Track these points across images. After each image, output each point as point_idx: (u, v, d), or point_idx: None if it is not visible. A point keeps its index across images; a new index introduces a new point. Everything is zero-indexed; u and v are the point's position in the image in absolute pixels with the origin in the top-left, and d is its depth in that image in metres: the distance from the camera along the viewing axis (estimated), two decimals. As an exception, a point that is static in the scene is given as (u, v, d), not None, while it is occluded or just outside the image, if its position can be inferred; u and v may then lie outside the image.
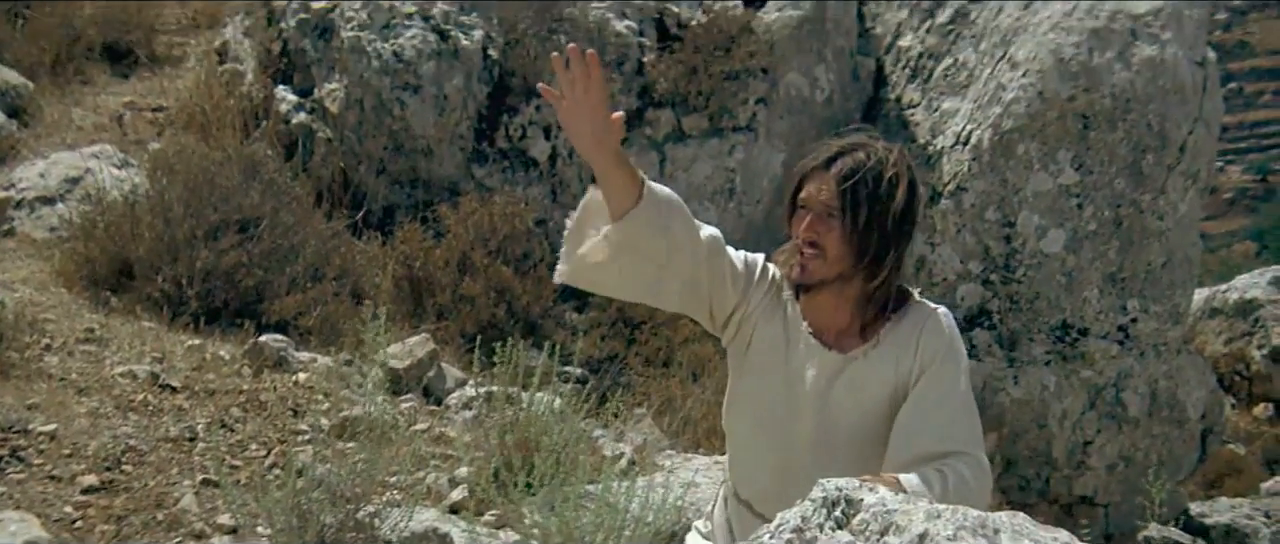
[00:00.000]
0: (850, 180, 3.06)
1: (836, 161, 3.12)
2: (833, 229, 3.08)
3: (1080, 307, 9.05)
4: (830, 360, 3.14)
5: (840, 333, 3.17)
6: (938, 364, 3.07)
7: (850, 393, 3.12)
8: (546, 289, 8.61)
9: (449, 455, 6.28)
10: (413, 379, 7.11)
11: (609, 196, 3.06)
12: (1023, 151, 9.11)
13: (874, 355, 3.12)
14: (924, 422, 3.01)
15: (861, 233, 3.05)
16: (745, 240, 10.06)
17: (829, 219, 3.08)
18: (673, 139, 9.63)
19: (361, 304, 7.94)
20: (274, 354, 6.97)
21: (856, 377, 3.12)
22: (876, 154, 3.12)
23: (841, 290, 3.13)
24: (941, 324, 3.14)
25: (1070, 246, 9.03)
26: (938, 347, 3.09)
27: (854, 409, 3.11)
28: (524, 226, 8.76)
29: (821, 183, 3.11)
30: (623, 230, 3.05)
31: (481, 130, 9.45)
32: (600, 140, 3.03)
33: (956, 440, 2.99)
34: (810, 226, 3.10)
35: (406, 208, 9.27)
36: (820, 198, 3.10)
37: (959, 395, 3.08)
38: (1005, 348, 9.15)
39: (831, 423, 3.12)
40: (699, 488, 5.84)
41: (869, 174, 3.07)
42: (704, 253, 3.19)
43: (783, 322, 3.22)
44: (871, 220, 3.05)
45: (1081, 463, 9.10)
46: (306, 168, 9.23)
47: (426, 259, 8.44)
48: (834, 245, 3.08)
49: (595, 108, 3.03)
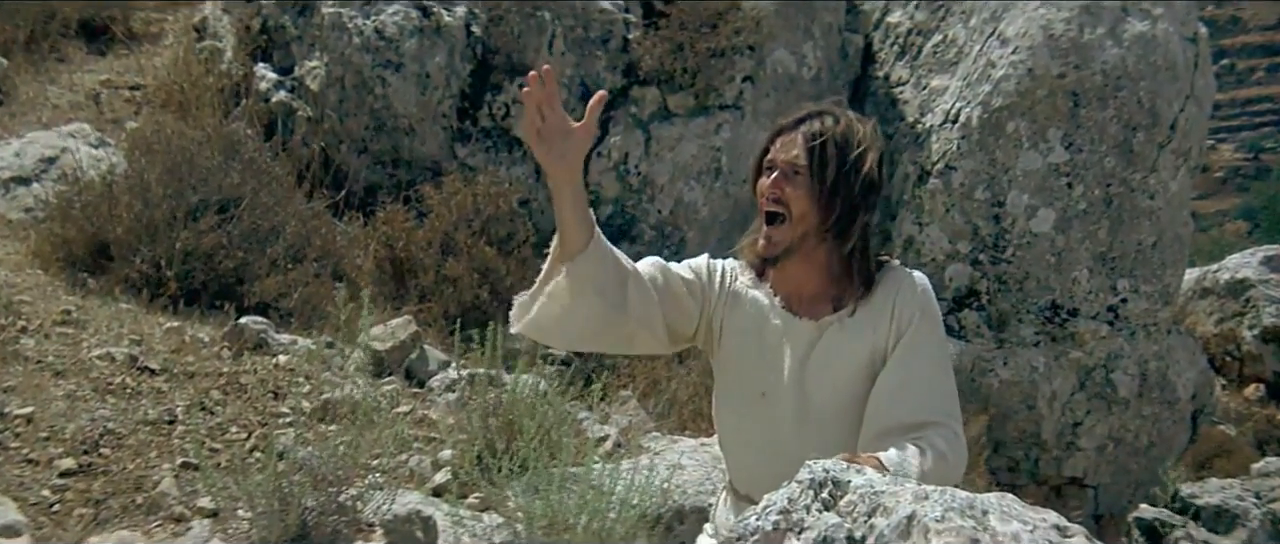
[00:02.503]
0: (818, 139, 3.07)
1: (806, 122, 3.14)
2: (798, 188, 3.08)
3: (1070, 287, 9.08)
4: (804, 330, 3.15)
5: (813, 300, 3.17)
6: (913, 330, 3.08)
7: (827, 363, 3.12)
8: (530, 270, 8.59)
9: (432, 438, 6.28)
10: (395, 361, 7.11)
11: (565, 232, 3.05)
12: (1012, 130, 9.13)
13: (849, 323, 3.13)
14: (901, 391, 3.02)
15: (828, 192, 3.06)
16: (732, 220, 10.03)
17: (794, 177, 3.09)
18: (658, 118, 9.62)
19: (343, 286, 7.93)
20: (254, 336, 6.96)
21: (832, 345, 3.12)
22: (847, 120, 3.14)
23: (810, 256, 3.13)
24: (917, 288, 3.15)
25: (1060, 226, 9.06)
26: (913, 311, 3.10)
27: (833, 380, 3.12)
28: (508, 207, 8.75)
29: (789, 141, 3.13)
30: (581, 265, 3.05)
31: (464, 109, 9.44)
32: (563, 156, 3.02)
33: (933, 410, 3.00)
34: (775, 183, 3.11)
35: (388, 188, 9.25)
36: (786, 156, 3.11)
37: (935, 362, 3.09)
38: (994, 329, 9.17)
39: (812, 397, 3.13)
40: (685, 470, 5.84)
41: (838, 136, 3.08)
42: (655, 276, 3.19)
43: (749, 305, 3.23)
44: (838, 181, 3.06)
45: (1071, 444, 9.14)
46: (287, 147, 9.20)
47: (409, 240, 8.43)
48: (798, 203, 3.08)
49: (554, 125, 3.03)
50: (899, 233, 9.44)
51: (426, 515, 5.18)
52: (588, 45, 9.52)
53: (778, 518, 2.24)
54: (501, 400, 5.91)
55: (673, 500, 5.53)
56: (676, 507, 5.54)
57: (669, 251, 9.46)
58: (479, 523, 5.25)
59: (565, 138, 3.04)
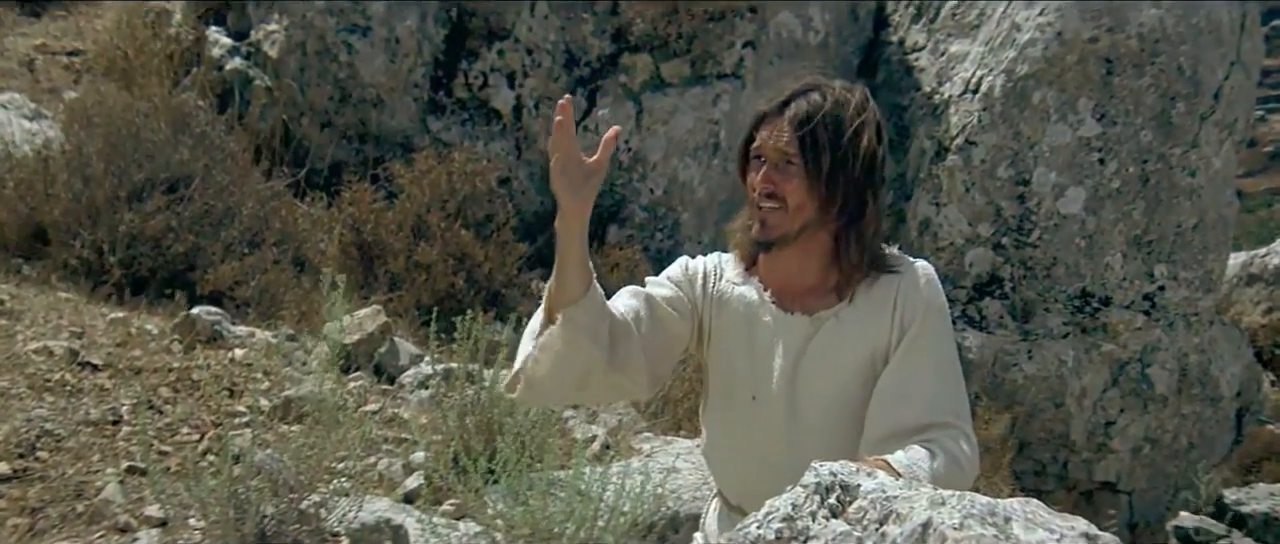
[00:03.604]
0: (807, 125, 3.06)
1: (791, 104, 3.12)
2: (791, 178, 3.07)
3: (1102, 273, 9.09)
4: (798, 326, 3.14)
5: (808, 293, 3.16)
6: (919, 325, 3.07)
7: (823, 361, 3.12)
8: (510, 255, 8.59)
9: (403, 439, 6.28)
10: (363, 355, 7.11)
11: (567, 276, 3.03)
12: (1039, 100, 9.13)
13: (847, 315, 3.12)
14: (905, 391, 3.02)
15: (826, 180, 3.05)
16: (731, 201, 10.03)
17: (787, 167, 3.08)
18: (650, 87, 9.62)
19: (305, 273, 7.92)
20: (207, 328, 6.95)
21: (828, 342, 3.12)
22: (834, 94, 3.11)
23: (807, 245, 3.12)
24: (923, 280, 3.13)
25: (1091, 206, 9.07)
26: (919, 305, 3.09)
27: (829, 380, 3.11)
28: (485, 186, 8.75)
29: (775, 129, 3.11)
30: (579, 312, 3.03)
31: (438, 78, 9.43)
32: (579, 191, 3.00)
33: (941, 412, 3.00)
34: (766, 177, 3.10)
35: (355, 165, 9.24)
36: (776, 145, 3.09)
37: (943, 361, 3.08)
38: (1018, 319, 9.19)
39: (805, 400, 3.12)
40: (680, 474, 5.85)
41: (827, 116, 3.07)
42: (638, 310, 3.17)
43: (737, 303, 3.22)
44: (835, 166, 3.06)
45: (1103, 445, 9.16)
46: (242, 120, 9.19)
47: (377, 223, 8.43)
48: (794, 195, 3.07)
49: (575, 158, 3.02)
50: (914, 214, 9.45)
51: (397, 524, 5.18)
52: (573, 7, 9.51)
53: (781, 526, 2.24)
54: (479, 398, 5.91)
55: (666, 507, 5.54)
56: (670, 513, 5.55)
57: (662, 235, 9.46)
58: (454, 532, 5.25)
59: (583, 173, 3.03)
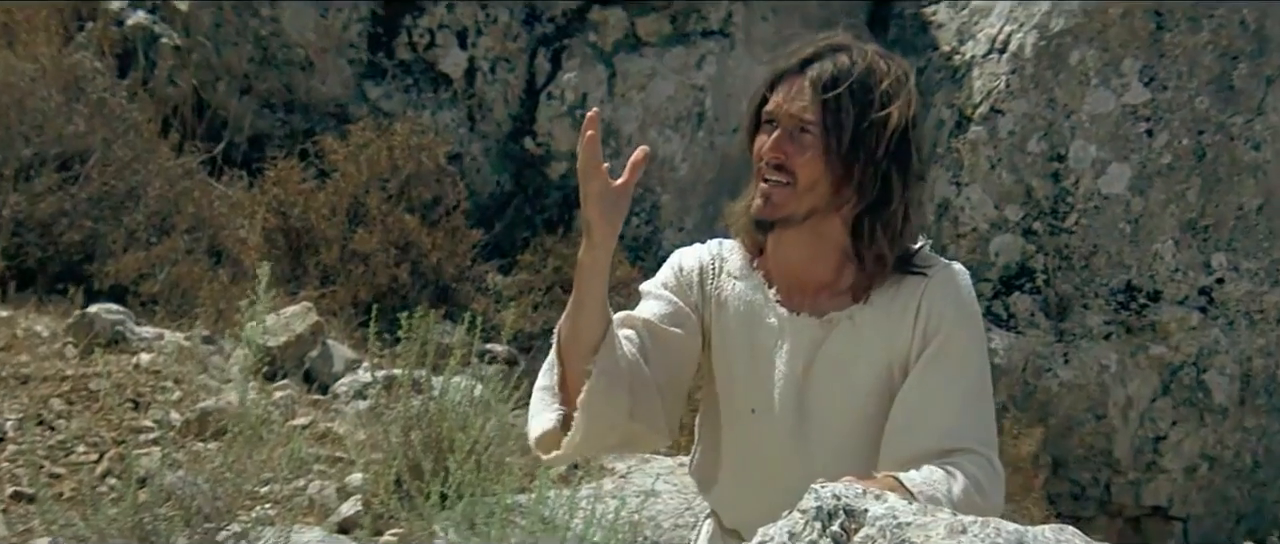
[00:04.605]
0: (833, 89, 3.04)
1: (815, 63, 3.09)
2: (806, 149, 3.03)
3: (1150, 263, 9.12)
4: (806, 329, 3.12)
5: (819, 290, 3.14)
6: (945, 334, 3.05)
7: (835, 371, 3.10)
8: (462, 243, 8.60)
9: (338, 458, 6.29)
10: (291, 360, 7.11)
11: (587, 316, 3.02)
12: (1077, 60, 9.16)
13: (862, 319, 3.10)
14: (925, 411, 3.00)
15: (844, 156, 3.03)
16: (719, 180, 10.05)
17: (801, 136, 3.04)
18: (625, 47, 9.62)
19: (222, 264, 7.91)
20: (107, 329, 6.95)
21: (841, 349, 3.10)
22: (868, 59, 3.08)
23: (819, 232, 3.10)
24: (953, 284, 3.11)
25: (1137, 185, 9.10)
26: (947, 311, 3.07)
27: (841, 392, 3.10)
28: (433, 163, 8.74)
29: (794, 90, 3.07)
30: (605, 359, 3.02)
31: (377, 36, 9.42)
32: (609, 216, 3.01)
33: (964, 436, 2.98)
34: (776, 145, 3.06)
35: (280, 138, 9.24)
36: (791, 108, 3.06)
37: (970, 378, 3.06)
38: (1053, 317, 9.22)
39: (813, 414, 3.11)
40: (659, 498, 5.87)
41: (856, 81, 3.04)
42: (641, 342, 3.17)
43: (737, 301, 3.21)
44: (858, 141, 3.04)
45: (1152, 464, 9.20)
46: (147, 85, 9.17)
47: (306, 206, 8.41)
48: (807, 170, 3.03)
49: (601, 175, 3.02)
50: (931, 196, 9.46)
51: (331, 557, 5.20)
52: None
53: (776, 556, 2.25)
54: (427, 409, 5.92)
55: (644, 535, 5.56)
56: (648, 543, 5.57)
57: (639, 221, 9.48)
58: (398, 567, 5.27)
59: (612, 198, 3.04)
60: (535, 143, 9.49)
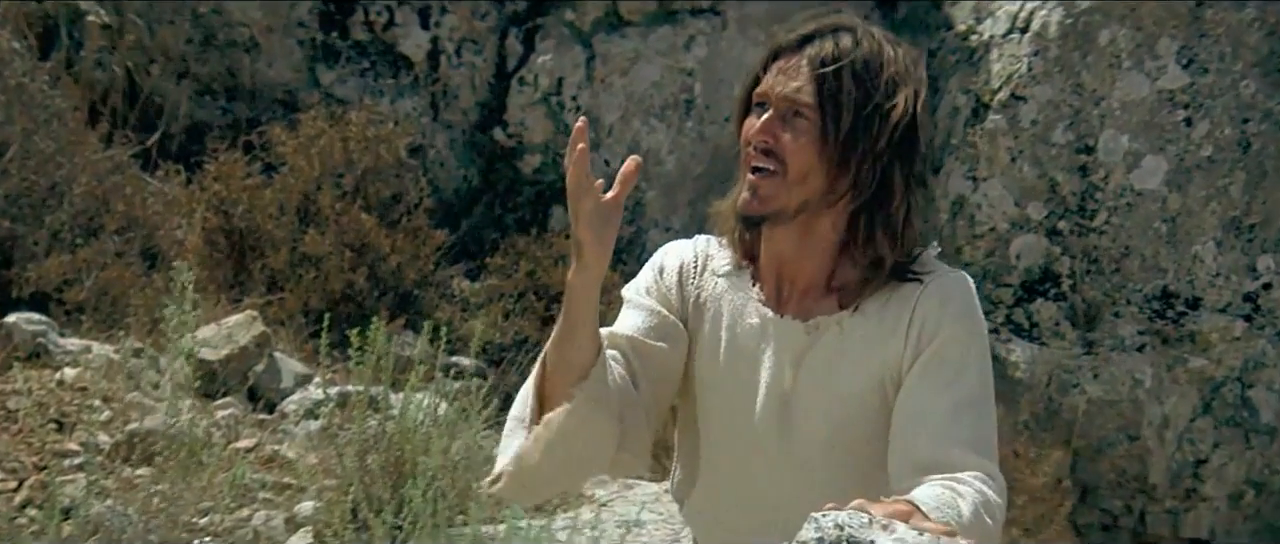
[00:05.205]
0: (831, 65, 3.05)
1: (814, 41, 3.09)
2: (799, 133, 3.04)
3: (1189, 267, 9.13)
4: (791, 335, 3.12)
5: (806, 291, 3.15)
6: (940, 341, 3.05)
7: (819, 383, 3.10)
8: (424, 245, 8.59)
9: (286, 485, 6.27)
10: (233, 376, 7.10)
11: (578, 339, 3.02)
12: (1107, 41, 9.17)
13: (851, 327, 3.10)
14: (919, 423, 3.01)
15: (842, 145, 3.03)
16: (710, 174, 10.06)
17: (795, 120, 3.05)
18: (605, 27, 9.63)
19: (157, 269, 7.89)
20: (28, 340, 6.93)
21: (826, 359, 3.10)
22: (873, 41, 3.09)
23: (811, 229, 3.10)
24: (951, 289, 3.11)
25: (1174, 180, 9.11)
26: (943, 319, 3.07)
27: (826, 407, 3.10)
28: (393, 156, 8.74)
29: (790, 68, 3.08)
30: (594, 386, 3.02)
31: (330, 15, 9.42)
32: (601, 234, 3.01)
33: (962, 442, 2.99)
34: (766, 126, 3.06)
35: (222, 129, 9.22)
36: (785, 89, 3.06)
37: (969, 385, 3.06)
38: (1080, 327, 9.23)
39: (798, 429, 3.11)
40: (643, 529, 5.86)
41: (858, 62, 3.05)
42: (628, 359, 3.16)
43: (716, 299, 3.21)
44: (858, 128, 3.04)
45: (1192, 491, 9.20)
46: (73, 69, 9.14)
47: (251, 204, 8.41)
48: (799, 158, 3.04)
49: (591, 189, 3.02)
50: (944, 192, 9.47)
51: (278, 596, 5.17)
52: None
53: (778, 595, 2.24)
54: (386, 430, 5.90)
55: (628, 571, 5.54)
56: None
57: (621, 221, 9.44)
58: (353, 606, 5.25)
59: (603, 215, 3.04)
60: (506, 133, 9.49)
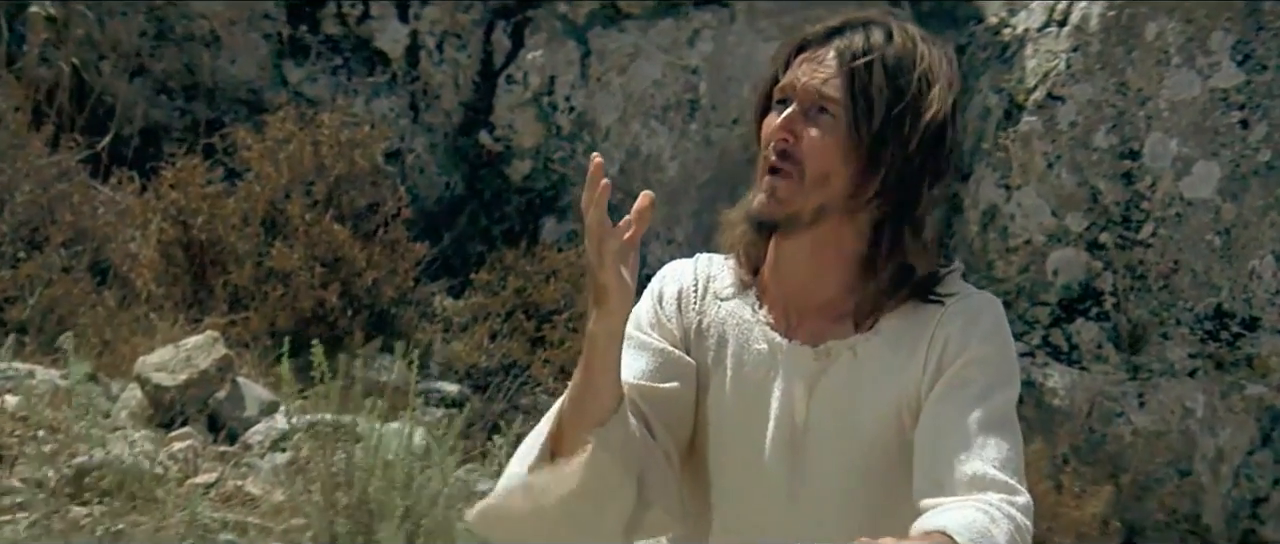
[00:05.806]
0: (861, 59, 3.05)
1: (844, 34, 3.10)
2: (825, 130, 3.02)
3: (1245, 283, 9.14)
4: (800, 359, 3.12)
5: (819, 311, 3.14)
6: (963, 361, 3.05)
7: (833, 415, 3.07)
8: (403, 259, 8.60)
9: (250, 524, 6.27)
10: (192, 404, 7.10)
11: (598, 383, 3.02)
12: (1154, 35, 9.18)
13: (866, 352, 3.08)
14: (943, 438, 3.00)
15: (869, 145, 3.01)
16: (717, 181, 10.08)
17: (819, 116, 3.03)
18: (602, 20, 9.64)
19: (108, 285, 7.90)
20: (-34, 365, 6.95)
21: (839, 387, 3.08)
22: (905, 36, 3.09)
23: (827, 239, 3.07)
24: (976, 310, 3.10)
25: (1229, 189, 9.12)
26: (967, 341, 3.05)
27: (840, 442, 3.07)
28: (367, 161, 8.75)
29: (816, 63, 3.08)
30: (613, 431, 3.03)
31: (298, 7, 9.43)
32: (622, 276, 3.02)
33: (989, 465, 2.99)
34: (786, 123, 3.06)
35: (180, 131, 9.23)
36: (811, 81, 3.04)
37: (994, 406, 3.06)
38: (1125, 350, 9.23)
39: (811, 464, 3.10)
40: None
41: (890, 58, 3.05)
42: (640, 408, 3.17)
43: (718, 324, 3.21)
44: (886, 128, 3.04)
45: (1250, 533, 9.20)
46: (15, 65, 9.16)
47: (213, 214, 8.41)
48: (819, 158, 3.02)
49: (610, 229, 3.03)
50: (974, 201, 9.48)
51: (240, 646, 5.17)
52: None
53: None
54: (357, 464, 5.90)
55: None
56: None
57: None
58: (323, 657, 5.25)
59: (621, 254, 3.04)
60: (492, 137, 9.51)
